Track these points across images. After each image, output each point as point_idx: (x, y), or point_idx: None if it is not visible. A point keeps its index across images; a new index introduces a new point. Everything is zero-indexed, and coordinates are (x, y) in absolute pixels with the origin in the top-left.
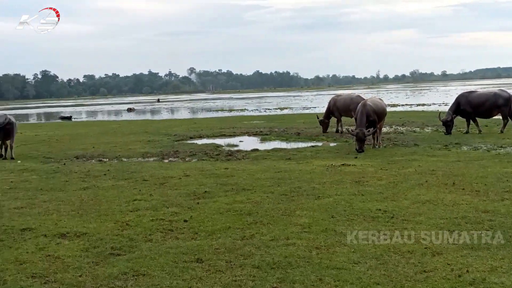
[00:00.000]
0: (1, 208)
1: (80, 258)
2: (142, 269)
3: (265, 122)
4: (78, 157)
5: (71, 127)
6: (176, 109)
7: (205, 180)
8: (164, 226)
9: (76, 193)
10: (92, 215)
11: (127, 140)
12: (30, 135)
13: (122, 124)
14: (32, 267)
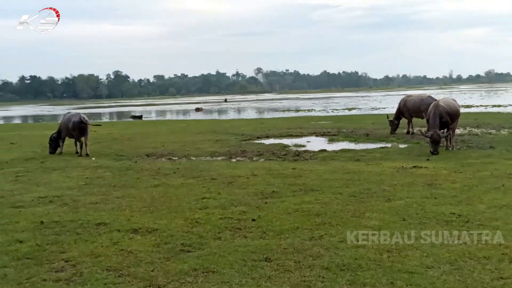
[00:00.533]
0: (77, 203)
1: (152, 253)
2: (212, 266)
3: (333, 123)
4: (149, 155)
5: (141, 126)
6: (243, 109)
7: (272, 180)
8: (232, 225)
9: (147, 190)
10: (163, 211)
11: (196, 139)
12: (103, 134)
13: (191, 124)
14: (106, 261)
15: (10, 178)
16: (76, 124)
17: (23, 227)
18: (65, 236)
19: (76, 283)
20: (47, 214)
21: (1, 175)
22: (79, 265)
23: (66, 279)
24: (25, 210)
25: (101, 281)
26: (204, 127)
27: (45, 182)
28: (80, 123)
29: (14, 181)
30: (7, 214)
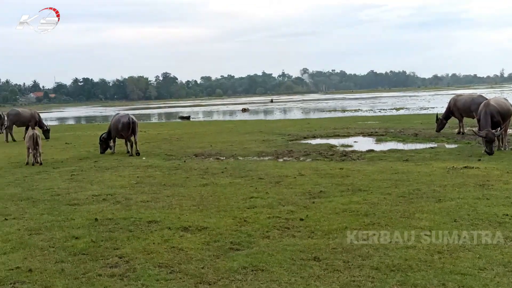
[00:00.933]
0: (129, 201)
1: (202, 251)
2: (261, 265)
3: (380, 123)
4: (197, 155)
5: (189, 126)
6: (289, 109)
7: (320, 179)
8: (280, 224)
9: (196, 189)
10: (212, 210)
11: (243, 139)
12: (153, 134)
13: (237, 124)
14: (158, 257)
15: (66, 177)
16: (125, 125)
17: (79, 224)
18: (118, 233)
19: (129, 278)
20: (101, 211)
21: (57, 174)
22: (132, 261)
23: (120, 274)
24: (80, 208)
25: (154, 277)
26: (251, 127)
27: (99, 180)
28: (129, 123)
29: (69, 179)
30: (63, 211)
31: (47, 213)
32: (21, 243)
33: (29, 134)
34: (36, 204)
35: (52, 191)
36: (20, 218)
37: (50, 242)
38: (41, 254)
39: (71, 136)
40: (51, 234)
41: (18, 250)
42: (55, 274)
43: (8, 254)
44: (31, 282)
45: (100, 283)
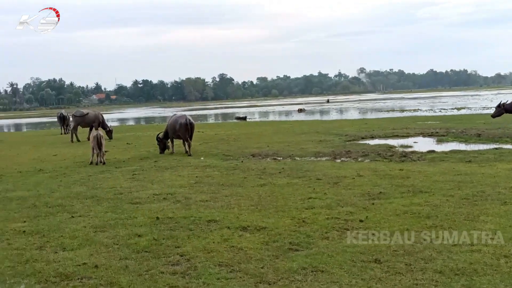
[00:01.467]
0: (189, 200)
1: (261, 251)
2: (321, 266)
3: (441, 123)
4: (254, 155)
5: (246, 127)
6: (345, 110)
7: (379, 180)
8: (339, 225)
9: (254, 189)
10: (270, 210)
11: (299, 140)
12: (210, 134)
13: (294, 124)
14: (218, 256)
15: (128, 176)
16: (182, 125)
17: (141, 222)
18: (179, 231)
19: (191, 276)
20: (162, 210)
21: (120, 173)
22: (193, 260)
23: (181, 272)
24: (142, 206)
25: (214, 275)
26: (307, 127)
27: (159, 180)
28: (186, 124)
29: (131, 179)
30: (126, 210)
31: (111, 211)
32: (87, 240)
33: (93, 135)
34: (100, 202)
35: (115, 190)
36: (86, 216)
37: (114, 239)
38: (106, 251)
39: (131, 137)
40: (115, 232)
41: (84, 247)
42: (119, 271)
43: (75, 250)
44: (97, 277)
45: (162, 280)
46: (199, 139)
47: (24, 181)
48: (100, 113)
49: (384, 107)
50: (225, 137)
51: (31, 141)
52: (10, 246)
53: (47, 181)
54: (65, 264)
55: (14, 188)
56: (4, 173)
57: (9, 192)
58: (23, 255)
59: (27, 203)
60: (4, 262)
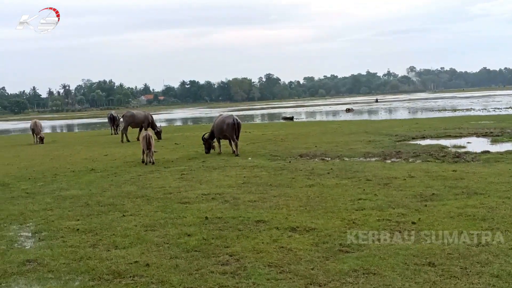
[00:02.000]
0: (237, 200)
1: (311, 252)
2: (372, 268)
3: (495, 123)
4: (302, 156)
5: (293, 127)
6: (395, 109)
7: (431, 182)
8: (391, 227)
9: (303, 189)
10: (319, 211)
11: (348, 140)
12: (257, 134)
13: (342, 124)
14: (268, 257)
15: (176, 176)
16: (230, 125)
17: (190, 222)
18: (228, 231)
19: (241, 276)
20: (211, 210)
21: (169, 173)
22: (242, 260)
23: (231, 272)
24: (191, 206)
25: (264, 276)
26: (356, 127)
27: (207, 180)
28: (233, 124)
29: (179, 178)
30: (175, 209)
31: (161, 211)
32: (138, 238)
33: (142, 135)
34: (150, 202)
35: (164, 189)
36: (137, 215)
37: (165, 238)
38: (156, 249)
39: (179, 137)
40: (165, 231)
41: (135, 245)
42: (170, 270)
43: (127, 249)
44: (149, 276)
45: (212, 280)
46: (246, 139)
47: (77, 180)
48: (149, 113)
49: (435, 106)
50: (272, 137)
51: (83, 141)
52: (64, 244)
53: (98, 180)
54: (118, 262)
55: (67, 187)
56: (58, 173)
57: (63, 191)
58: (77, 253)
59: (80, 202)
60: (59, 259)
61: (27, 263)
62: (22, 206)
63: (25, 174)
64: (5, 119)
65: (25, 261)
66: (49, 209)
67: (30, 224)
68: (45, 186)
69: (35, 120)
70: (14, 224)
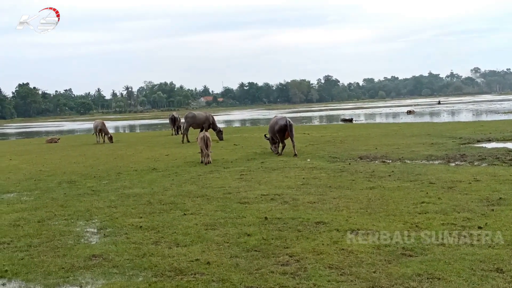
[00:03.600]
0: (296, 201)
1: (372, 255)
2: (437, 273)
3: None
4: (362, 158)
5: (352, 129)
6: (458, 111)
7: (498, 186)
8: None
9: (363, 192)
10: (380, 214)
11: (409, 142)
12: (316, 136)
13: (403, 126)
14: (328, 259)
15: (236, 176)
16: (282, 127)
17: (250, 222)
18: (287, 232)
19: (301, 277)
20: (270, 210)
21: (228, 173)
22: (302, 261)
23: (291, 273)
24: (250, 206)
25: (325, 277)
26: (417, 130)
27: (266, 181)
28: (286, 125)
29: (239, 179)
30: (235, 209)
31: (221, 210)
32: (199, 237)
33: (200, 136)
34: (210, 201)
35: (224, 189)
36: (197, 214)
37: (225, 237)
38: (217, 248)
39: (238, 138)
40: (225, 230)
41: (196, 244)
42: (230, 268)
43: (188, 247)
44: (210, 274)
45: (273, 280)
46: (305, 140)
47: (139, 179)
48: (210, 114)
49: (501, 108)
50: (331, 139)
51: (145, 142)
52: (128, 240)
53: (160, 180)
54: (179, 260)
55: (130, 186)
56: (122, 171)
57: (126, 189)
58: (140, 249)
59: (143, 200)
60: (123, 255)
61: (93, 258)
62: (88, 203)
63: (90, 172)
64: (71, 120)
65: (91, 256)
66: (113, 206)
67: (95, 221)
68: (109, 184)
69: (102, 121)
70: (81, 220)
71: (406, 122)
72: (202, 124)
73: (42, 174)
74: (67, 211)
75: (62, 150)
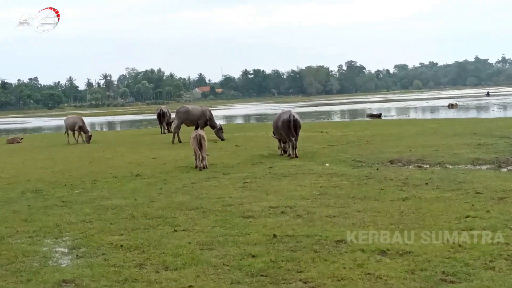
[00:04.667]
0: (312, 215)
1: (405, 281)
2: None
3: None
4: (393, 162)
5: (381, 126)
6: (511, 105)
7: None
8: (508, 252)
9: (394, 203)
10: (415, 231)
11: (451, 143)
12: (336, 135)
13: (443, 123)
14: (351, 285)
15: (238, 185)
16: (285, 123)
17: (255, 240)
18: (301, 252)
19: None
20: (280, 226)
21: (228, 181)
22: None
23: None
24: (256, 221)
25: None
26: (461, 127)
27: (275, 190)
28: (289, 121)
29: (242, 187)
30: (237, 225)
31: (219, 226)
32: (193, 258)
33: (193, 135)
34: (206, 215)
35: (223, 200)
36: (190, 230)
37: (224, 259)
38: (215, 272)
39: (241, 137)
40: (225, 250)
41: (190, 266)
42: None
43: (179, 270)
44: None
45: None
46: (322, 141)
47: (120, 188)
48: (207, 108)
49: None
50: (355, 138)
51: (127, 142)
52: (106, 262)
53: (145, 188)
54: (168, 286)
55: (109, 196)
56: (99, 178)
57: (104, 200)
58: (121, 273)
59: (124, 213)
60: (100, 280)
61: (63, 284)
62: (58, 217)
63: (60, 179)
64: (37, 115)
65: (61, 281)
66: (88, 221)
67: (66, 238)
68: (83, 194)
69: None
70: (49, 237)
71: (447, 118)
72: (197, 120)
73: (1, 181)
74: (32, 226)
75: (26, 152)
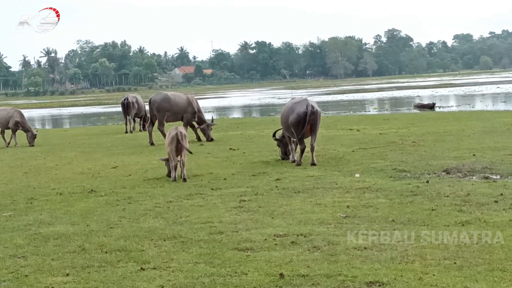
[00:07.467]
0: (335, 246)
1: None
2: None
3: None
4: (449, 171)
5: (434, 122)
6: None
7: None
8: None
9: (450, 230)
10: (479, 268)
11: None
12: (371, 134)
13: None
14: None
15: (232, 204)
16: (301, 116)
17: (254, 282)
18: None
19: None
20: (289, 262)
21: (218, 199)
22: None
23: None
24: (256, 255)
25: None
26: None
27: (283, 211)
28: (306, 114)
29: (237, 208)
30: (229, 260)
31: (204, 262)
32: None
33: (171, 134)
34: (187, 247)
35: (210, 226)
36: (164, 269)
37: None
38: None
39: (237, 137)
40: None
41: None
42: None
43: None
44: None
45: None
46: (352, 142)
47: (66, 209)
48: (193, 97)
49: None
50: (397, 139)
51: (78, 144)
52: None
53: (102, 210)
54: None
55: (51, 220)
56: (37, 195)
57: (43, 226)
58: None
59: (71, 245)
60: None
61: None
62: None
63: None
64: None
65: None
66: (20, 256)
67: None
68: (14, 218)
69: (18, 110)
70: None
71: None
72: (182, 112)
73: None
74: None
75: None
